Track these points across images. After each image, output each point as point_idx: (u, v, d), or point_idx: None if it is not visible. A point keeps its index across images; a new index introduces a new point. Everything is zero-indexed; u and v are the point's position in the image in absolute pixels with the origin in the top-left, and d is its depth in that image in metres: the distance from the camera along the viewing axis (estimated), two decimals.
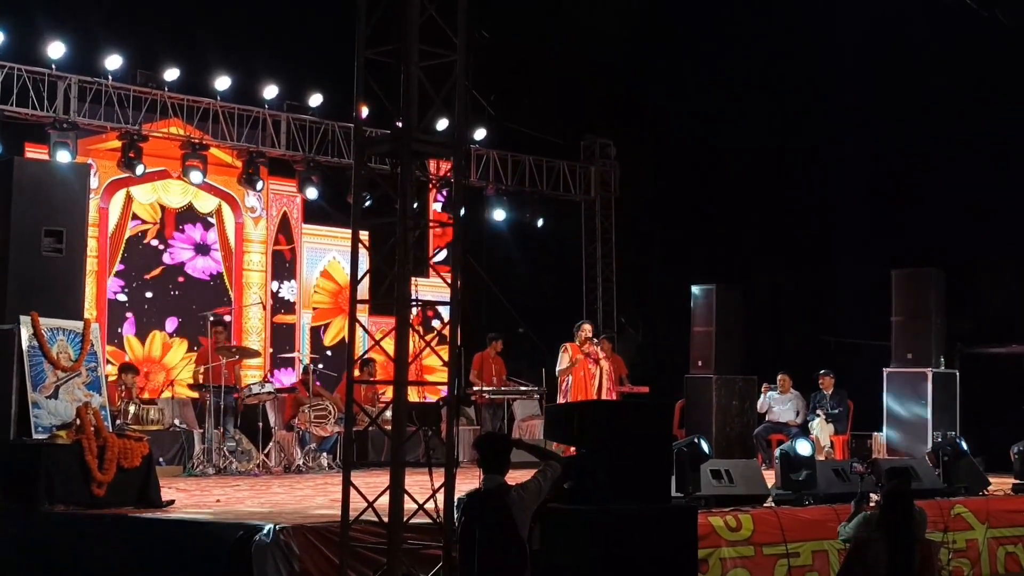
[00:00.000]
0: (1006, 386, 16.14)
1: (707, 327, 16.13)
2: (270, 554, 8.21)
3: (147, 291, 16.97)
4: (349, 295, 8.68)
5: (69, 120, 15.46)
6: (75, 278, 11.06)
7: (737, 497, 10.55)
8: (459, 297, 8.49)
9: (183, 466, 13.98)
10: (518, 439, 11.73)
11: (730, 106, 19.05)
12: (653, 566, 8.13)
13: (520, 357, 17.45)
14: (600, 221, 21.01)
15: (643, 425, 8.74)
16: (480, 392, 16.00)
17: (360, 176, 9.05)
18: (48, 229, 10.67)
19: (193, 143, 16.48)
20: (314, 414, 14.58)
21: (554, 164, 20.28)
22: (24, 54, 15.24)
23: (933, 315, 15.54)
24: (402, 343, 8.20)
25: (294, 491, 12.06)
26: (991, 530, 11.77)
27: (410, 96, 8.25)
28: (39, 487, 9.75)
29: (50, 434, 10.14)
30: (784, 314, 18.84)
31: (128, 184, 16.70)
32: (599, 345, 14.97)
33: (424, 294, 8.70)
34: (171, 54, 16.33)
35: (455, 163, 8.64)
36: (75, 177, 11.43)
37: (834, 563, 10.31)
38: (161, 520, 9.58)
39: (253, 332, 17.63)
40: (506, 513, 7.02)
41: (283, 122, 17.41)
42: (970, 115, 16.91)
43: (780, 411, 16.27)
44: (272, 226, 18.12)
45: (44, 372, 10.36)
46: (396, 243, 8.29)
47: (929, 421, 15.17)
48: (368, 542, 8.36)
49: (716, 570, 9.80)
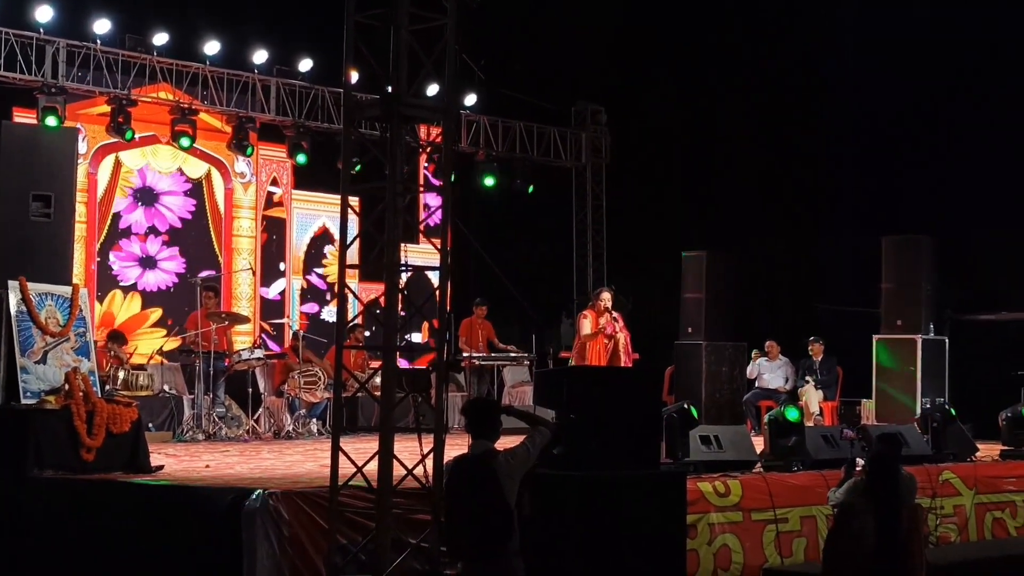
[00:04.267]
0: (995, 353, 16.17)
1: (697, 294, 16.11)
2: (259, 519, 8.22)
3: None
4: (338, 260, 8.66)
5: (57, 85, 15.38)
6: (63, 243, 11.01)
7: (726, 463, 10.58)
8: (449, 263, 8.47)
9: (172, 432, 13.98)
10: (509, 405, 11.75)
11: (722, 73, 19.00)
12: (642, 531, 8.18)
13: (511, 323, 17.45)
14: (591, 187, 20.98)
15: (632, 391, 8.77)
16: (469, 358, 16.02)
17: (350, 141, 9.03)
18: (36, 194, 10.62)
19: (182, 108, 16.41)
20: (304, 380, 14.58)
21: (545, 130, 20.23)
22: (12, 18, 15.15)
23: (923, 282, 15.52)
24: (391, 309, 8.19)
25: (283, 457, 12.06)
26: (979, 496, 11.81)
27: (400, 60, 8.21)
28: (28, 453, 9.74)
29: (38, 399, 10.12)
30: (775, 281, 18.83)
31: (117, 149, 16.63)
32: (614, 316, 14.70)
33: (414, 260, 8.68)
34: (160, 18, 16.23)
35: (445, 128, 8.60)
36: (63, 141, 11.38)
37: (822, 529, 10.34)
38: (150, 485, 9.59)
39: (243, 298, 17.61)
40: (492, 478, 7.02)
41: (273, 87, 17.34)
42: (964, 83, 16.90)
43: (770, 378, 16.32)
44: (262, 191, 18.07)
45: (32, 337, 10.33)
46: (386, 209, 8.27)
47: (918, 387, 15.18)
48: (357, 507, 8.38)
49: (705, 535, 9.82)
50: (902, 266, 15.66)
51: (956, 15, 16.43)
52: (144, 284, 16.93)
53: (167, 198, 17.27)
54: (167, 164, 17.18)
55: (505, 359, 16.64)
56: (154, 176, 17.11)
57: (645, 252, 19.57)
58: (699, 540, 9.75)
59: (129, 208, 16.94)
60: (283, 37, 17.35)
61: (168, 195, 17.27)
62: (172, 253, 17.25)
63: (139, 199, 17.01)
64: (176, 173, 17.31)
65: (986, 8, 16.28)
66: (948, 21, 16.52)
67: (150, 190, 17.11)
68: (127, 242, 16.92)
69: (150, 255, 17.12)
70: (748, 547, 10.10)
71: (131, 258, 16.97)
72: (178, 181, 17.34)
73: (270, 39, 17.20)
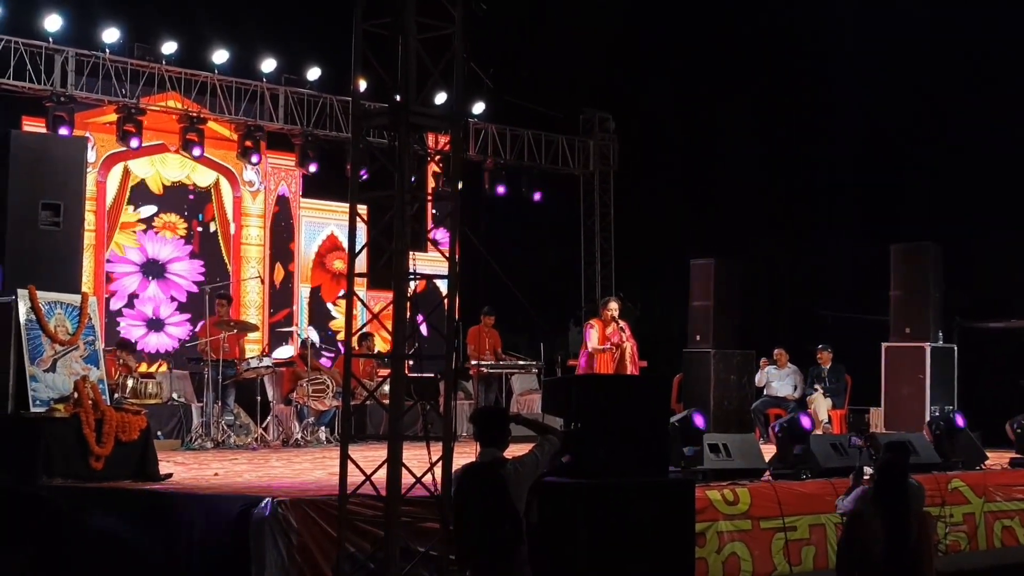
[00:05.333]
0: (1004, 361, 16.15)
1: (705, 301, 16.11)
2: (268, 527, 8.23)
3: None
4: (347, 269, 8.67)
5: (66, 94, 15.43)
6: (73, 252, 11.03)
7: (735, 471, 10.57)
8: (457, 271, 8.48)
9: (181, 440, 14.00)
10: (517, 414, 11.73)
11: (729, 81, 19.00)
12: (651, 539, 8.16)
13: (519, 331, 17.45)
14: (599, 195, 20.99)
15: (641, 399, 8.76)
16: (477, 366, 16.01)
17: (358, 150, 9.04)
18: (45, 202, 10.64)
19: (191, 117, 16.45)
20: (312, 388, 14.59)
21: (553, 138, 20.25)
22: (21, 27, 15.20)
23: (931, 289, 15.51)
24: (400, 317, 8.20)
25: (292, 465, 12.07)
26: (988, 504, 11.80)
27: (408, 69, 8.22)
28: (37, 461, 9.75)
29: (48, 408, 10.14)
30: (782, 288, 18.83)
31: (126, 158, 16.68)
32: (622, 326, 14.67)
33: (422, 269, 8.68)
34: (168, 27, 16.28)
35: (453, 136, 8.61)
36: (72, 150, 11.40)
37: (831, 537, 10.35)
38: (159, 493, 9.59)
39: (252, 306, 17.63)
40: (501, 486, 7.02)
41: (281, 96, 17.38)
42: (970, 87, 16.88)
43: (778, 386, 16.30)
44: (270, 200, 18.10)
45: (42, 346, 10.35)
46: (394, 217, 8.28)
47: (927, 395, 15.16)
48: (366, 515, 8.38)
49: (713, 544, 9.82)
50: (910, 273, 15.64)
51: (959, 17, 16.42)
52: (144, 344, 16.85)
53: (174, 265, 17.25)
54: (175, 173, 17.21)
55: (513, 367, 16.63)
56: (154, 245, 17.08)
57: (653, 259, 19.58)
58: (708, 548, 9.74)
59: (142, 285, 17.01)
60: (291, 46, 17.39)
61: (174, 262, 17.26)
62: (182, 319, 17.22)
63: (147, 274, 17.04)
64: (177, 240, 17.27)
65: (988, 10, 16.27)
66: (951, 24, 16.52)
67: (155, 262, 17.10)
68: (140, 302, 17.01)
69: (160, 318, 17.15)
70: (757, 555, 10.10)
71: (140, 317, 17.01)
72: (178, 245, 17.30)
73: (278, 48, 17.23)
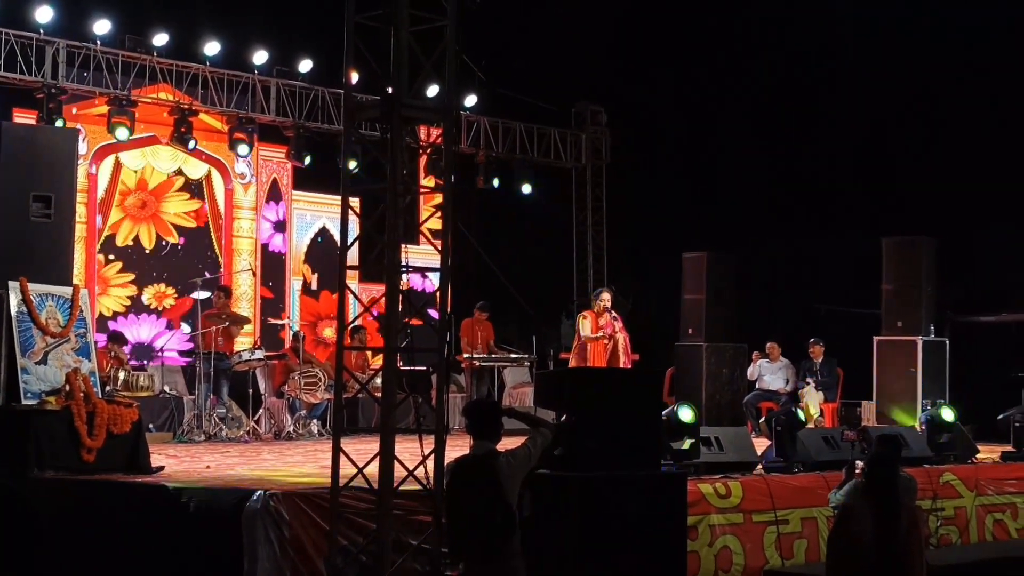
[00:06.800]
0: (996, 355, 16.16)
1: (697, 295, 16.10)
2: (260, 520, 8.21)
3: None
4: (339, 262, 8.65)
5: (57, 85, 15.38)
6: (64, 244, 10.99)
7: (727, 464, 10.57)
8: (449, 264, 8.47)
9: (173, 432, 13.98)
10: (510, 407, 11.72)
11: (723, 74, 18.98)
12: (643, 533, 8.17)
13: (511, 324, 17.44)
14: (591, 188, 20.98)
15: (633, 392, 8.76)
16: (469, 359, 16.01)
17: (350, 142, 9.03)
18: (36, 194, 10.60)
19: (182, 109, 16.40)
20: (304, 381, 14.57)
21: (545, 131, 20.23)
22: (12, 18, 15.15)
23: (923, 283, 15.51)
24: (392, 310, 8.19)
25: (284, 458, 12.06)
26: (980, 498, 11.79)
27: (400, 61, 8.20)
28: (28, 453, 9.74)
29: (39, 400, 10.11)
30: (775, 282, 18.83)
31: (117, 150, 16.63)
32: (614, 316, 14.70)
33: (414, 261, 8.67)
34: (160, 19, 16.23)
35: (445, 129, 8.60)
36: (63, 142, 11.36)
37: (823, 530, 10.34)
38: (151, 486, 9.56)
39: (243, 299, 17.59)
40: (493, 479, 7.01)
41: (273, 88, 17.34)
42: (965, 82, 16.88)
43: (770, 379, 16.29)
44: (262, 192, 18.06)
45: (33, 338, 10.33)
46: (386, 209, 8.26)
47: (919, 389, 15.17)
48: (358, 508, 8.35)
49: (705, 537, 9.81)
50: (902, 267, 15.65)
51: (956, 14, 16.42)
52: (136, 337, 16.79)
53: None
54: (167, 165, 17.17)
55: (505, 360, 16.62)
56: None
57: (645, 253, 19.58)
58: (700, 541, 9.73)
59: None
60: (283, 38, 17.35)
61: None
62: (180, 336, 17.05)
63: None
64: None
65: (986, 7, 16.26)
66: (948, 19, 16.52)
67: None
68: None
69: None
70: (749, 548, 10.09)
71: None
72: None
73: (270, 40, 17.19)
